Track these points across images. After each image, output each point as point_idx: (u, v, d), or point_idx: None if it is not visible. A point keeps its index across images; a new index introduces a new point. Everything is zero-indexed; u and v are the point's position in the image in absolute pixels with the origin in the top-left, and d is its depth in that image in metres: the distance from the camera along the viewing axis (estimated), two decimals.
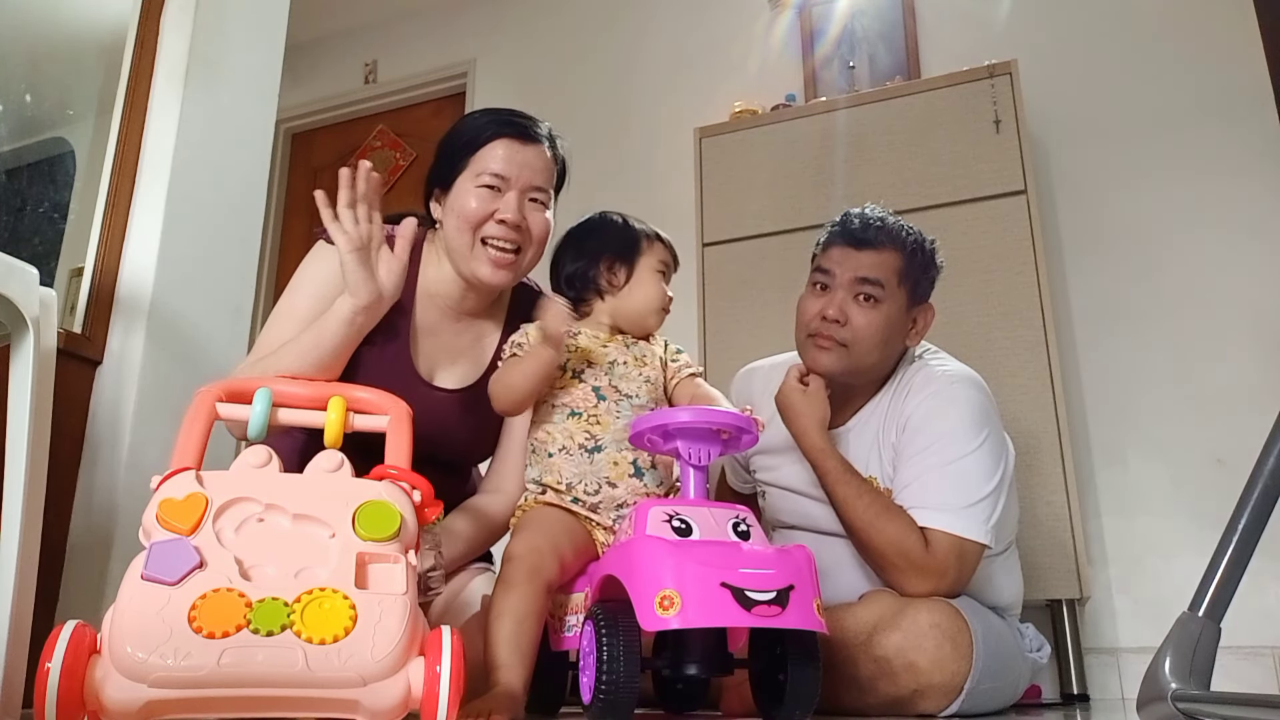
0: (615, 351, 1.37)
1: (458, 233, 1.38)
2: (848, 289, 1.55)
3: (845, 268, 1.56)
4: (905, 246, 1.57)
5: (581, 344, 1.37)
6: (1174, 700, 0.84)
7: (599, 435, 1.30)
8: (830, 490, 1.50)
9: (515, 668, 1.14)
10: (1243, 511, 0.90)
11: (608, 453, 1.30)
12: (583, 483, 1.29)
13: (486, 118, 1.43)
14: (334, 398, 1.11)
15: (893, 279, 1.55)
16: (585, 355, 1.36)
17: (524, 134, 1.40)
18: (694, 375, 1.40)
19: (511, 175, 1.37)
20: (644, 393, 1.34)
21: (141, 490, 0.95)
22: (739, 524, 1.10)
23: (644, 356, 1.38)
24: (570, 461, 1.30)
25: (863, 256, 1.56)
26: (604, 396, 1.32)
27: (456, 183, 1.39)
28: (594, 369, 1.34)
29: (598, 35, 3.63)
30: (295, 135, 4.22)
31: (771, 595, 1.00)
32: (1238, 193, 2.57)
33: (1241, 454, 1.10)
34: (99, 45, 2.00)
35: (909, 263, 1.57)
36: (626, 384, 1.34)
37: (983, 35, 2.92)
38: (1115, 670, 2.43)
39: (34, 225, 1.97)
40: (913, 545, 1.42)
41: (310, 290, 1.38)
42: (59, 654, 0.76)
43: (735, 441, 1.18)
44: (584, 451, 1.30)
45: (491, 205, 1.37)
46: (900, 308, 1.57)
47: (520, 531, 1.27)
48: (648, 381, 1.35)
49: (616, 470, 1.29)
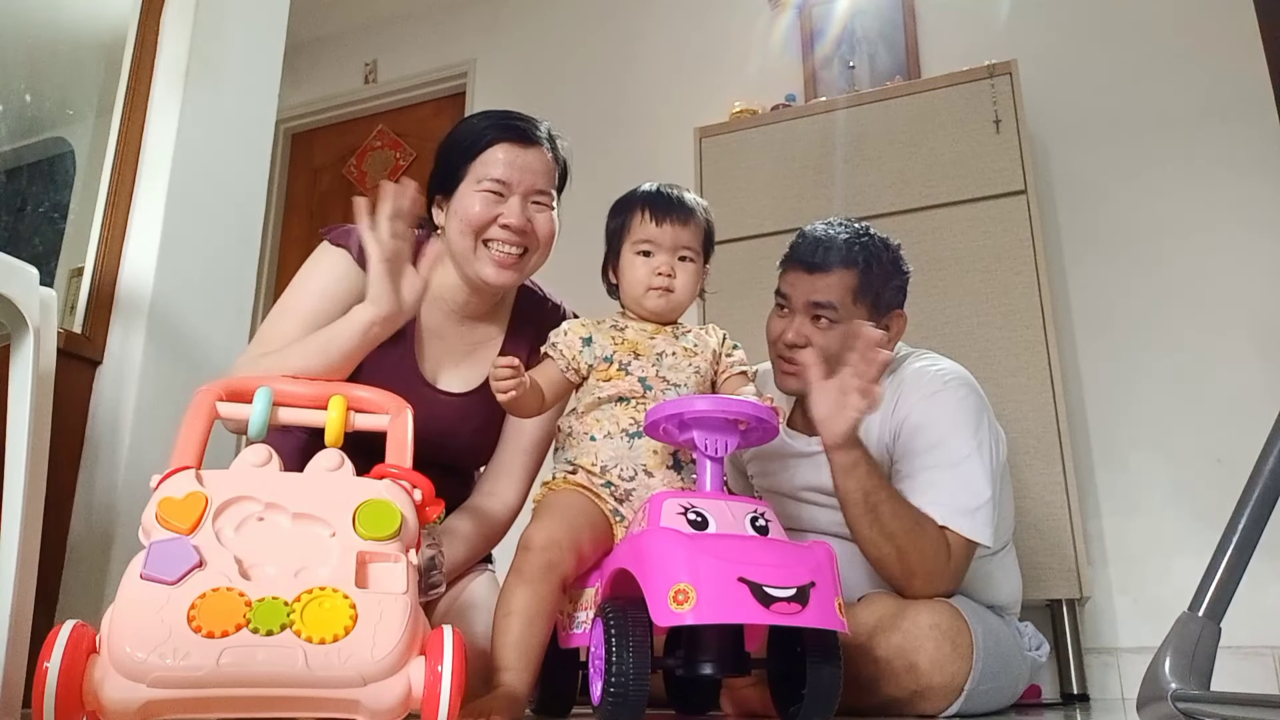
0: (663, 343, 1.33)
1: (461, 237, 1.38)
2: (804, 312, 1.56)
3: (799, 291, 1.57)
4: (858, 263, 1.54)
5: (629, 337, 1.33)
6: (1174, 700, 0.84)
7: (643, 422, 1.24)
8: (874, 503, 1.41)
9: (521, 671, 1.12)
10: (1243, 511, 0.90)
11: (648, 440, 1.24)
12: (619, 467, 1.25)
13: (485, 121, 1.42)
14: (335, 396, 1.10)
15: (847, 298, 1.54)
16: (632, 347, 1.31)
17: (524, 137, 1.39)
18: (744, 373, 1.36)
19: (513, 180, 1.37)
20: (692, 383, 1.30)
21: (141, 490, 0.95)
22: (757, 518, 1.07)
23: (695, 346, 1.33)
24: (610, 444, 1.26)
25: (815, 280, 1.55)
26: (650, 386, 1.28)
27: (459, 189, 1.39)
28: (640, 360, 1.30)
29: (598, 35, 3.63)
30: (295, 135, 4.22)
31: (792, 592, 0.96)
32: (1238, 192, 2.57)
33: (1241, 454, 1.10)
34: (99, 45, 2.00)
35: (864, 279, 1.55)
36: (675, 374, 1.30)
37: (983, 35, 2.91)
38: (1115, 670, 2.43)
39: (34, 225, 1.97)
40: (944, 550, 1.42)
41: (315, 288, 1.37)
42: (58, 654, 0.76)
43: (754, 433, 1.14)
44: (625, 436, 1.26)
45: (495, 210, 1.37)
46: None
47: (540, 517, 1.22)
48: (697, 372, 1.31)
49: (655, 459, 1.25)
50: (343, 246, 1.40)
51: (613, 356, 1.30)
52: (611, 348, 1.31)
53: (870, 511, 1.40)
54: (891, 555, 1.41)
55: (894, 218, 2.49)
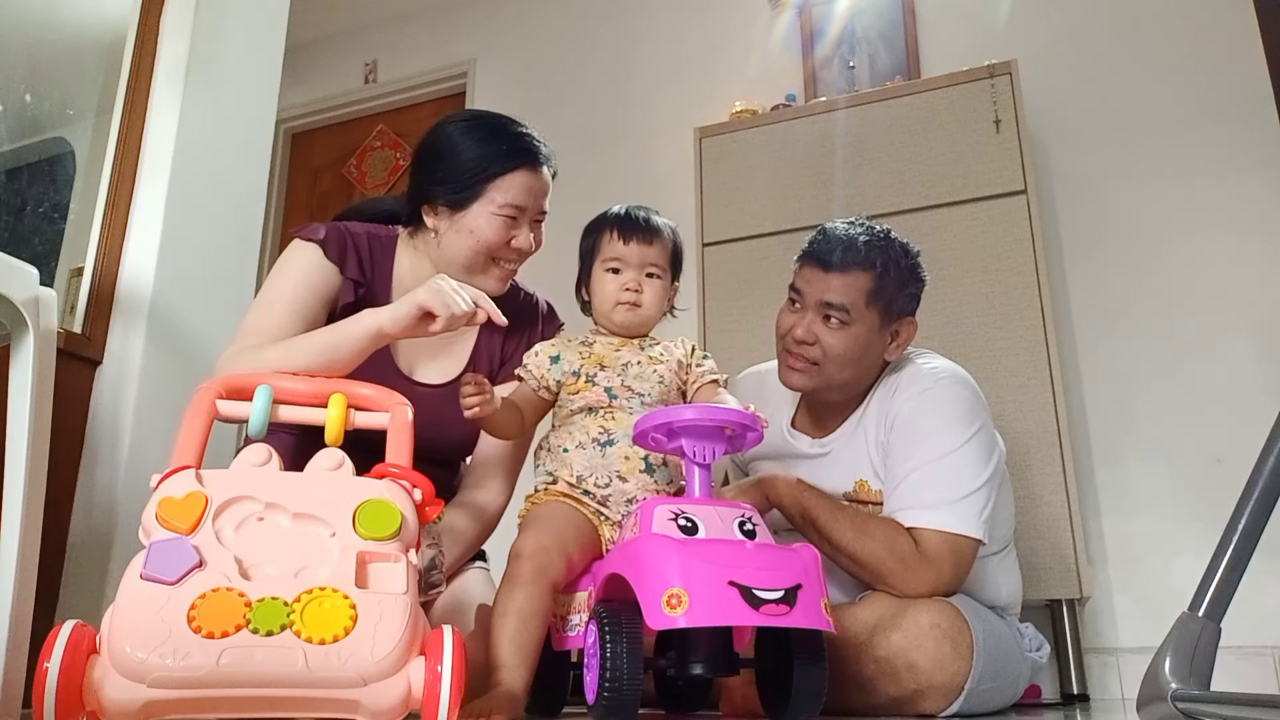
0: (628, 354, 1.37)
1: (472, 254, 1.41)
2: (816, 311, 1.56)
3: (813, 289, 1.56)
4: (875, 267, 1.54)
5: (596, 351, 1.37)
6: (1174, 700, 0.84)
7: (612, 430, 1.30)
8: (812, 520, 1.46)
9: (517, 668, 1.14)
10: (1243, 511, 0.90)
11: (620, 447, 1.29)
12: (594, 476, 1.29)
13: (502, 141, 1.42)
14: (335, 394, 1.10)
15: (860, 301, 1.54)
16: (599, 360, 1.35)
17: (537, 161, 1.43)
18: (715, 382, 1.38)
19: (529, 205, 1.43)
20: (656, 391, 1.34)
21: (141, 490, 0.95)
22: (744, 522, 1.09)
23: (659, 356, 1.37)
24: (583, 455, 1.30)
25: (830, 279, 1.55)
26: (615, 395, 1.32)
27: (473, 207, 1.41)
28: (606, 372, 1.34)
29: (598, 35, 3.63)
30: (295, 135, 4.22)
31: (780, 594, 0.99)
32: (1238, 192, 2.57)
33: (1241, 454, 1.10)
34: (99, 45, 2.00)
35: (879, 283, 1.54)
36: (640, 383, 1.33)
37: (983, 35, 2.91)
38: (1115, 670, 2.43)
39: (34, 225, 1.97)
40: (904, 546, 1.42)
41: (293, 280, 1.38)
42: (58, 654, 0.76)
43: (740, 439, 1.17)
44: (597, 445, 1.30)
45: (509, 233, 1.42)
46: (871, 327, 1.55)
47: (528, 528, 1.26)
48: (661, 380, 1.34)
49: (628, 465, 1.29)
50: (313, 241, 1.41)
51: (580, 370, 1.35)
52: (579, 362, 1.35)
53: (811, 528, 1.46)
54: (849, 565, 1.45)
55: (894, 218, 2.48)
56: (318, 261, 1.39)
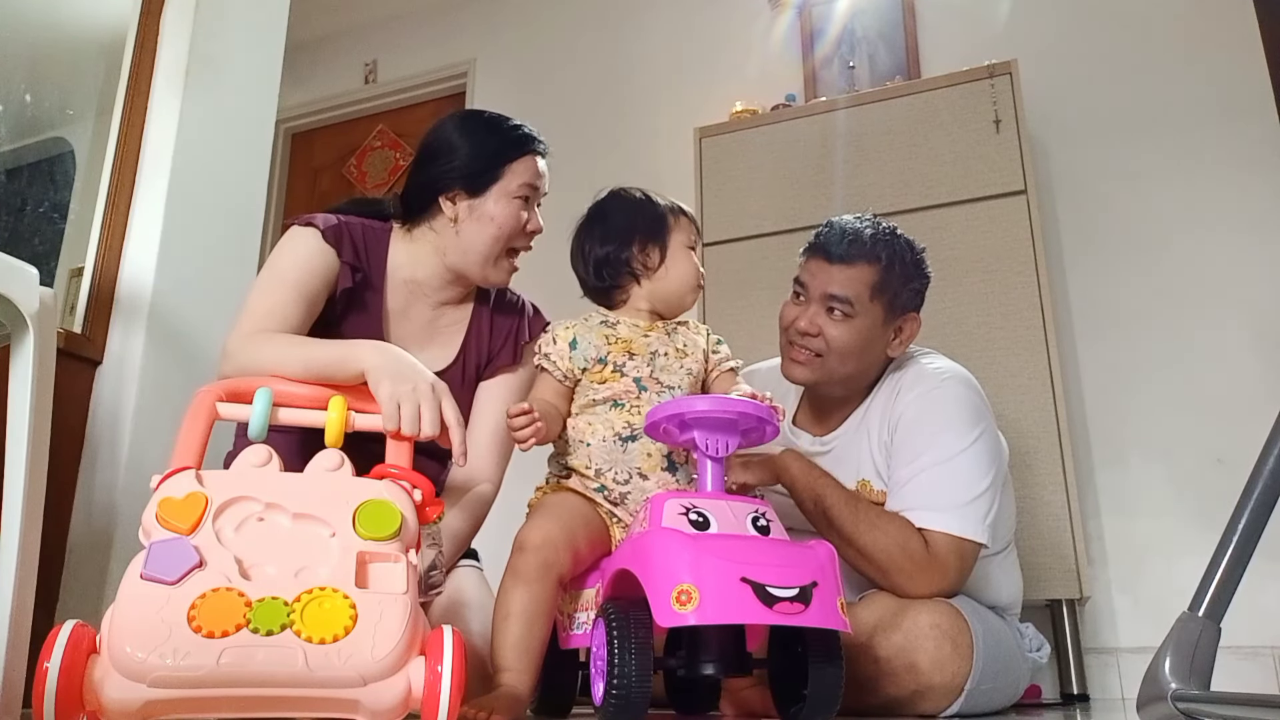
0: (657, 342, 1.34)
1: (492, 241, 1.43)
2: (819, 303, 1.56)
3: (818, 281, 1.56)
4: (880, 260, 1.54)
5: (622, 334, 1.33)
6: (1174, 700, 0.84)
7: (636, 425, 1.26)
8: (825, 507, 1.45)
9: (522, 671, 1.12)
10: (1243, 511, 0.90)
11: (642, 443, 1.25)
12: (613, 470, 1.26)
13: (508, 131, 1.46)
14: (335, 397, 1.11)
15: (864, 294, 1.54)
16: (627, 346, 1.31)
17: (540, 146, 1.48)
18: (733, 369, 1.38)
19: (540, 186, 1.48)
20: (685, 384, 1.31)
21: (141, 490, 0.95)
22: (758, 518, 1.07)
23: (685, 347, 1.35)
24: (604, 449, 1.27)
25: (834, 271, 1.55)
26: (645, 388, 1.29)
27: (491, 190, 1.43)
28: (635, 360, 1.30)
29: (598, 35, 3.63)
30: (295, 135, 4.22)
31: (794, 592, 0.96)
32: (1238, 192, 2.57)
33: (1241, 454, 1.10)
34: (99, 45, 2.00)
35: (884, 277, 1.55)
36: (668, 375, 1.31)
37: (983, 35, 2.91)
38: (1115, 670, 2.42)
39: (34, 225, 1.97)
40: (915, 545, 1.42)
41: (293, 260, 1.39)
42: (58, 654, 0.76)
43: (755, 433, 1.14)
44: (619, 440, 1.26)
45: (525, 217, 1.46)
46: (875, 321, 1.55)
47: (535, 517, 1.23)
48: (689, 374, 1.32)
49: (649, 462, 1.26)
50: (311, 226, 1.42)
51: (607, 357, 1.30)
52: (605, 347, 1.31)
53: (822, 516, 1.45)
54: (855, 558, 1.44)
55: (894, 218, 2.44)
56: (316, 245, 1.40)
